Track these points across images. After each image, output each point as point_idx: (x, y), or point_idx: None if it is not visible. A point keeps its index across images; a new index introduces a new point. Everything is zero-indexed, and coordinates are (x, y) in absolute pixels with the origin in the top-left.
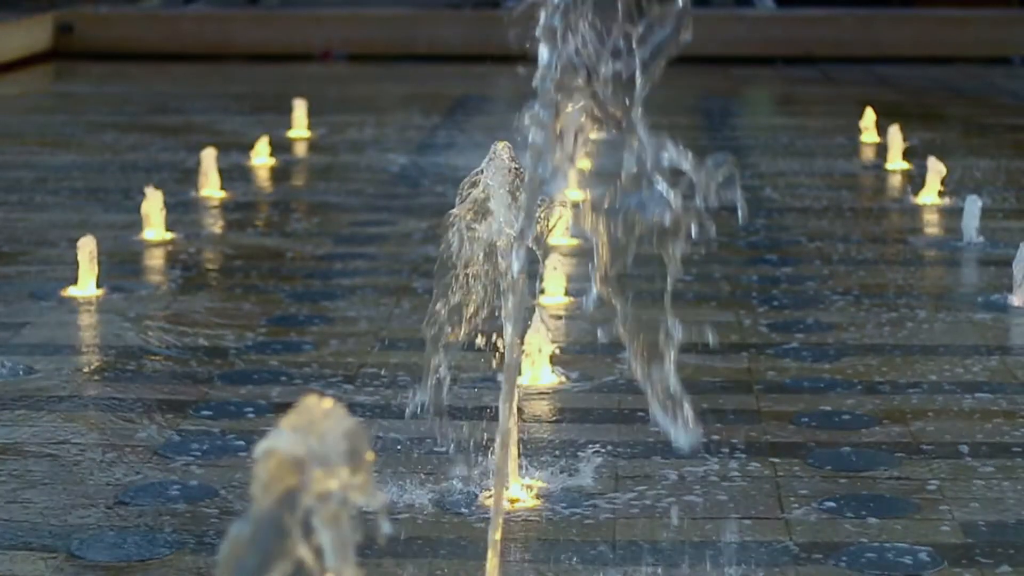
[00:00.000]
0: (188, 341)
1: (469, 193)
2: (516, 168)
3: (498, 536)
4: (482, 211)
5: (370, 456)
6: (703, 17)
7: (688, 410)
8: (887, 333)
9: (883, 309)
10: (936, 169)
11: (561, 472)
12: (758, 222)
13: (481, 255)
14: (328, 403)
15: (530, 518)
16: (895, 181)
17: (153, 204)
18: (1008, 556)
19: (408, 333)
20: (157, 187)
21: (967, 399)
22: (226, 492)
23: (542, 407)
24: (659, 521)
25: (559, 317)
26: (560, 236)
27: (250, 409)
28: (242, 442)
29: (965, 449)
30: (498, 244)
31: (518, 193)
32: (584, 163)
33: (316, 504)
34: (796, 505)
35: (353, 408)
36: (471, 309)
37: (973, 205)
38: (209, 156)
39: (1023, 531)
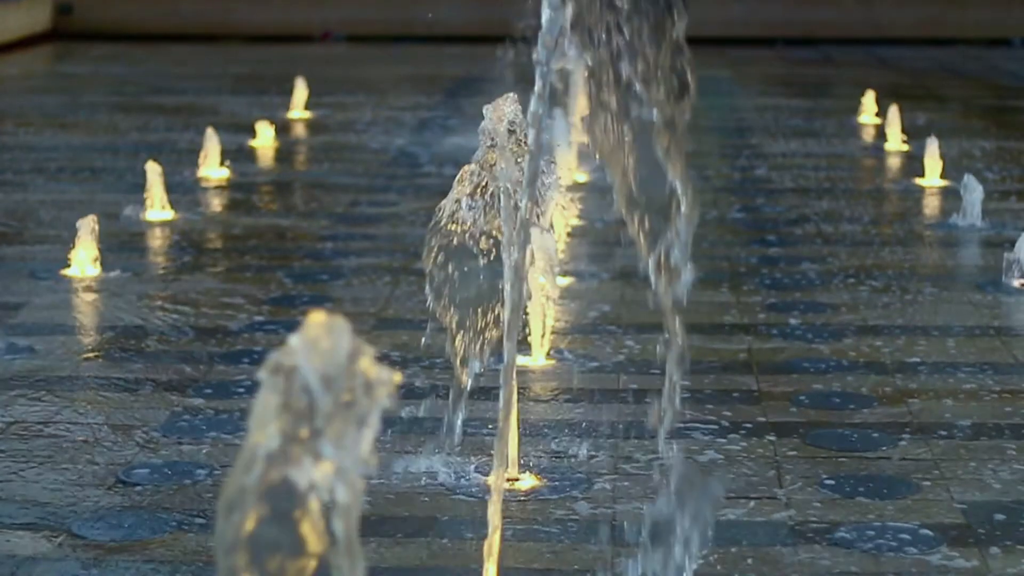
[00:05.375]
0: (188, 320)
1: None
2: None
3: (498, 515)
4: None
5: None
6: None
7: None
8: (886, 313)
9: (882, 290)
10: (936, 150)
11: (561, 452)
12: (757, 202)
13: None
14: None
15: (530, 497)
16: (895, 162)
17: (154, 180)
18: (1006, 535)
19: (407, 313)
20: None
21: (966, 379)
22: (226, 471)
23: (543, 387)
24: (659, 500)
25: (559, 298)
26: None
27: (250, 389)
28: (243, 421)
29: (964, 429)
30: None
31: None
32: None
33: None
34: (795, 485)
35: None
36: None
37: (973, 186)
38: (209, 136)
39: (1021, 511)
